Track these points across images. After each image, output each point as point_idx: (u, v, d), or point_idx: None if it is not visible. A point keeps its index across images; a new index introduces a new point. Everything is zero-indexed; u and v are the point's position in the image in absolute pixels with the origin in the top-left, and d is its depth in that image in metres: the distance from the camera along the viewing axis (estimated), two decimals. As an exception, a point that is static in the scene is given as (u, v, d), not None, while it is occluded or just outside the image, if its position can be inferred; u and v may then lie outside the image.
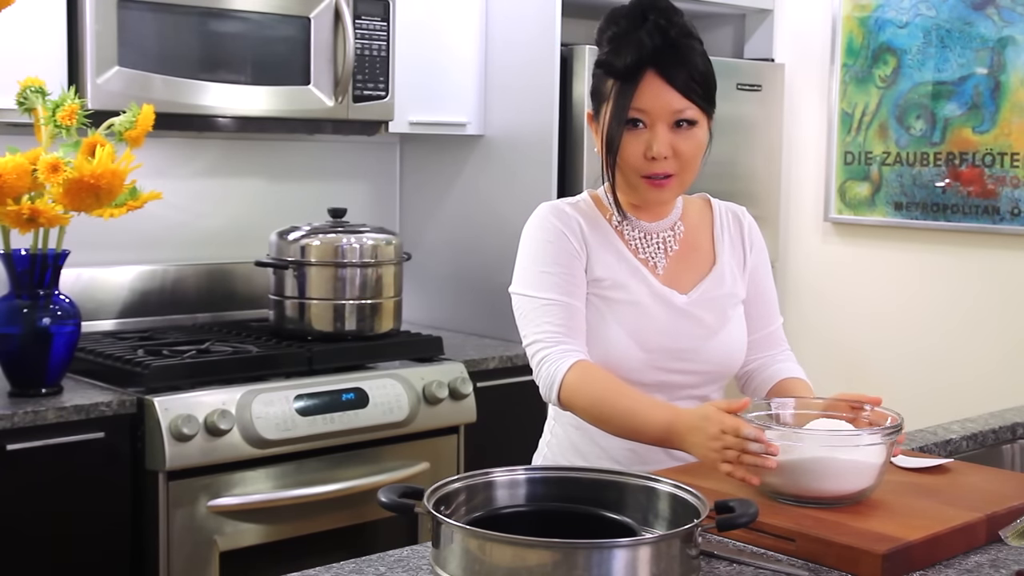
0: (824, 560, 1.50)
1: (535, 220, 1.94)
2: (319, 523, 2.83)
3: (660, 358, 1.89)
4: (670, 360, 1.90)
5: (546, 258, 1.89)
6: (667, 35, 1.80)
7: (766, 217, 3.87)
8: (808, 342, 3.92)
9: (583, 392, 1.81)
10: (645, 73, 1.80)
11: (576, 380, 1.81)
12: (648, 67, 1.80)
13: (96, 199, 2.42)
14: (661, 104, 1.81)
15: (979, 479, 1.81)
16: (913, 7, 3.58)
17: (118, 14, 2.75)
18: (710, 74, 1.86)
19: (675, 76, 1.80)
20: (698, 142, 1.86)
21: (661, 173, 1.84)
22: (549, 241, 1.90)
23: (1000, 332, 3.45)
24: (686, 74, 1.81)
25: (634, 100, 1.81)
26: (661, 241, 1.95)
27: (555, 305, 1.87)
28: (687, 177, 1.89)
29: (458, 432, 3.08)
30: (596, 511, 1.49)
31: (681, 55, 1.81)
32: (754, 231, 2.04)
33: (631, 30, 1.81)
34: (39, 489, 2.50)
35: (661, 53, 1.80)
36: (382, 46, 3.21)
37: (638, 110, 1.82)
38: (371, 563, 1.50)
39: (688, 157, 1.85)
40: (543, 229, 1.91)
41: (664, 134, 1.82)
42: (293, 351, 2.96)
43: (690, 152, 1.85)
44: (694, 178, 1.91)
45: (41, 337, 2.61)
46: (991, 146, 3.43)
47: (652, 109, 1.81)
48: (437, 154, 3.70)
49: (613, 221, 1.94)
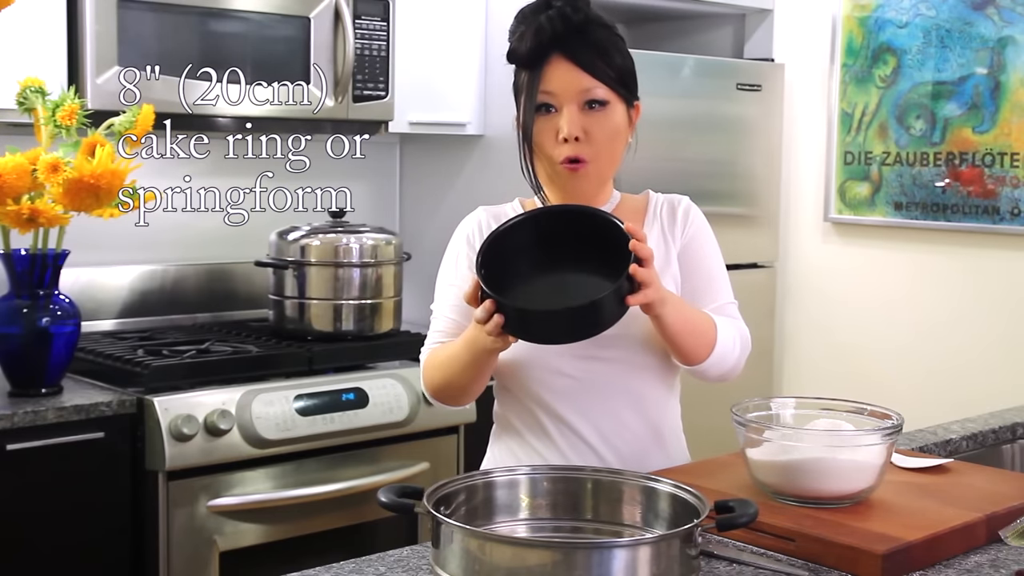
0: (824, 560, 1.50)
1: (458, 229, 1.97)
2: (319, 523, 2.83)
3: (578, 346, 1.78)
4: (592, 348, 1.79)
5: (449, 271, 1.93)
6: (570, 20, 1.79)
7: (766, 217, 3.88)
8: (808, 342, 3.92)
9: (428, 366, 1.88)
10: (550, 57, 1.79)
11: (428, 362, 1.88)
12: (552, 51, 1.79)
13: (96, 199, 2.42)
14: (567, 83, 1.79)
15: (979, 479, 1.81)
16: (913, 7, 3.58)
17: (118, 14, 2.75)
18: (627, 65, 1.83)
19: (580, 56, 1.79)
20: (613, 125, 1.82)
21: (573, 156, 1.80)
22: (457, 254, 1.93)
23: (1000, 332, 3.45)
24: (592, 53, 1.79)
25: (541, 83, 1.80)
26: None
27: (445, 320, 1.90)
28: (604, 163, 1.84)
29: (458, 432, 3.07)
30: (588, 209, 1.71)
31: (586, 36, 1.80)
32: (691, 213, 1.95)
33: (533, 17, 1.81)
34: (39, 489, 2.50)
35: (564, 37, 1.79)
36: (382, 46, 3.21)
37: (546, 92, 1.80)
38: (371, 563, 1.50)
39: (601, 140, 1.81)
40: (455, 240, 1.95)
41: (573, 115, 1.79)
42: (293, 351, 2.96)
43: (603, 135, 1.81)
44: (614, 168, 1.87)
45: (41, 337, 2.61)
46: (991, 146, 3.43)
47: (559, 90, 1.79)
48: (437, 154, 3.70)
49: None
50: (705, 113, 3.66)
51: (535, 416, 1.87)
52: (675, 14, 3.96)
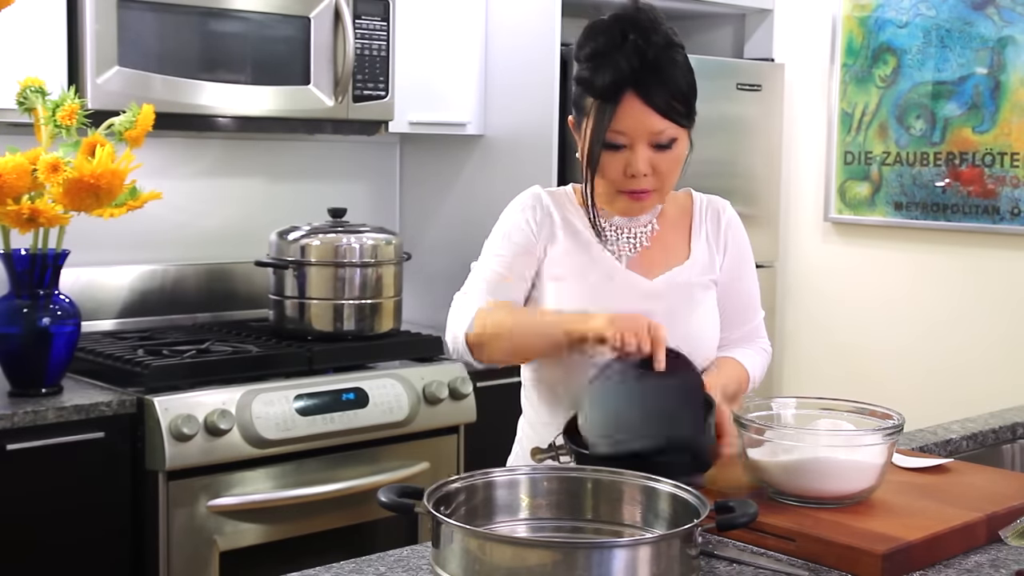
0: (824, 560, 1.50)
1: (514, 201, 1.98)
2: (319, 523, 2.83)
3: None
4: None
5: (506, 231, 1.95)
6: (645, 56, 1.78)
7: (766, 217, 3.87)
8: (808, 342, 3.92)
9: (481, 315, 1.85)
10: (624, 95, 1.79)
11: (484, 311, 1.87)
12: (627, 88, 1.79)
13: (96, 199, 2.42)
14: (641, 126, 1.80)
15: (979, 479, 1.81)
16: (913, 7, 3.58)
17: (118, 14, 2.75)
18: (691, 85, 1.85)
19: (655, 97, 1.79)
20: (677, 157, 1.87)
21: (639, 190, 1.85)
22: (512, 226, 1.94)
23: (1000, 332, 3.45)
24: (666, 93, 1.80)
25: (613, 123, 1.80)
26: (633, 236, 1.95)
27: (493, 273, 1.92)
28: (667, 189, 1.90)
29: (458, 432, 3.07)
30: None
31: (661, 74, 1.80)
32: (732, 227, 2.02)
33: (610, 50, 1.80)
34: (39, 489, 2.50)
35: (640, 74, 1.78)
36: (382, 46, 3.21)
37: (618, 132, 1.81)
38: (371, 563, 1.50)
39: (667, 173, 1.86)
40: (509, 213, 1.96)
41: (643, 153, 1.82)
42: (293, 351, 2.96)
43: (669, 168, 1.86)
44: (674, 186, 1.92)
45: (41, 337, 2.60)
46: (991, 146, 3.43)
47: (631, 131, 1.81)
48: (437, 154, 3.70)
49: (590, 214, 1.94)
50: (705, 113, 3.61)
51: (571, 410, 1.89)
52: (675, 14, 3.95)
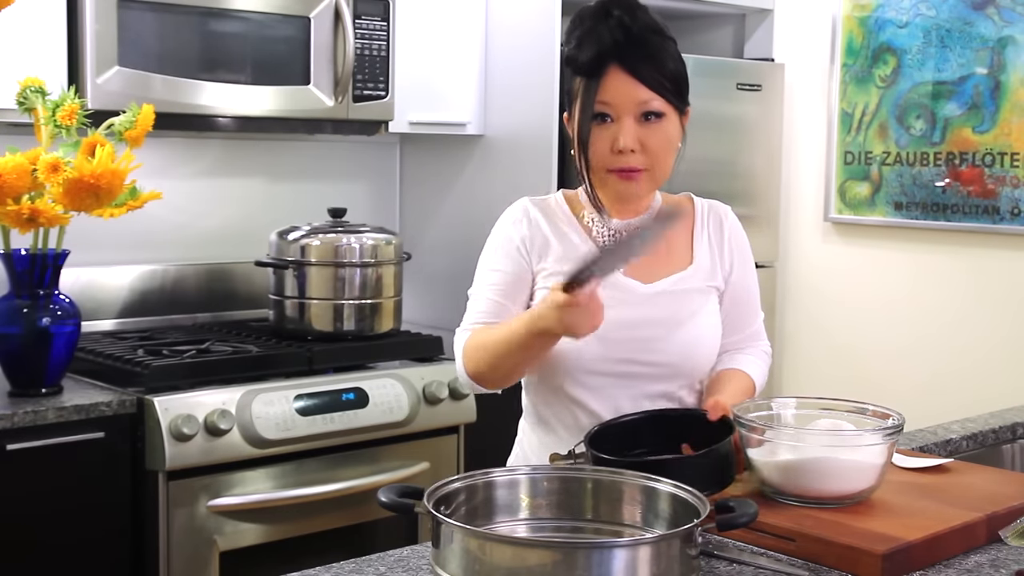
0: (824, 560, 1.50)
1: (502, 217, 1.97)
2: (319, 523, 2.83)
3: (618, 348, 1.85)
4: (630, 351, 1.86)
5: (492, 257, 1.94)
6: (629, 30, 1.80)
7: (766, 217, 3.87)
8: (808, 342, 3.92)
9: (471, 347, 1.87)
10: (608, 67, 1.81)
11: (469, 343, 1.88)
12: (611, 61, 1.80)
13: (96, 199, 2.42)
14: (625, 96, 1.81)
15: (979, 479, 1.81)
16: (913, 7, 3.58)
17: (118, 14, 2.75)
18: (680, 71, 1.85)
19: (639, 68, 1.80)
20: (667, 135, 1.84)
21: (628, 167, 1.83)
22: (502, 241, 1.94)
23: (1000, 332, 3.45)
24: (651, 66, 1.81)
25: (599, 94, 1.81)
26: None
27: (487, 301, 1.91)
28: (658, 172, 1.86)
29: (458, 432, 3.07)
30: None
31: (645, 49, 1.81)
32: (735, 233, 2.02)
33: (595, 25, 1.82)
34: (39, 489, 2.50)
35: (624, 47, 1.80)
36: (382, 46, 3.21)
37: (603, 103, 1.82)
38: (371, 563, 1.50)
39: (657, 151, 1.83)
40: (499, 228, 1.96)
41: (630, 127, 1.81)
42: (293, 351, 2.96)
43: (658, 146, 1.83)
44: (667, 174, 1.89)
45: (41, 337, 2.60)
46: (991, 146, 3.43)
47: (617, 102, 1.81)
48: (437, 154, 3.70)
49: (585, 219, 1.93)
50: (705, 113, 3.64)
51: (570, 411, 1.90)
52: (675, 14, 3.95)
